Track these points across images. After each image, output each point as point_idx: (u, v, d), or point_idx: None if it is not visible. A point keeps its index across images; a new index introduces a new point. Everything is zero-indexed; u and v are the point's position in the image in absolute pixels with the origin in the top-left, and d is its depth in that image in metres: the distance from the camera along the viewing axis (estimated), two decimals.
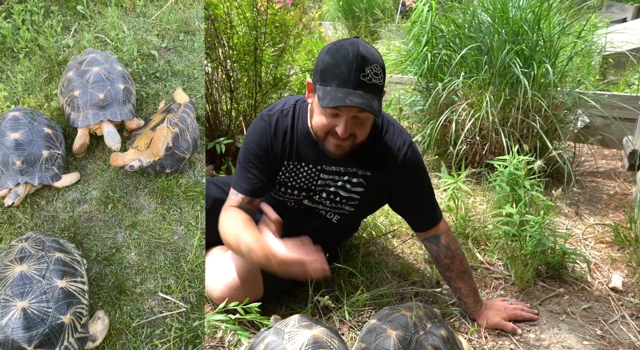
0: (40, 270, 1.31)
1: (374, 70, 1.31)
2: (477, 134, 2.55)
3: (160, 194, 1.75)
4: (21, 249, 1.38)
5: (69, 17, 2.39)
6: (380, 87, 1.36)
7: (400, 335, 1.24)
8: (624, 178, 2.68)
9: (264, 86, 2.67)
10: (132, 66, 2.14)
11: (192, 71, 2.19)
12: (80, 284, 1.37)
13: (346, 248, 1.88)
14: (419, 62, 2.74)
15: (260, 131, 1.53)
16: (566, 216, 2.29)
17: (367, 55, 1.31)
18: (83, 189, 1.77)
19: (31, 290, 1.26)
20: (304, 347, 1.08)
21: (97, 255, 1.61)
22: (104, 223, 1.69)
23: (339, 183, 1.54)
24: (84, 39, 2.23)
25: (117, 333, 1.44)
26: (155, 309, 1.50)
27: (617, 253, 1.99)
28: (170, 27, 2.35)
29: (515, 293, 1.76)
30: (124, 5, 2.46)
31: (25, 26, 2.23)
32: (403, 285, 1.74)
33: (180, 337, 1.43)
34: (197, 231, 1.67)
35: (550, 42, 2.51)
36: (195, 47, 2.30)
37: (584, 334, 1.56)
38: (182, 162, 1.79)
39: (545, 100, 2.44)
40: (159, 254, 1.62)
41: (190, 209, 1.73)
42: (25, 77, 2.09)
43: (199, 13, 2.46)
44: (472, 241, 2.01)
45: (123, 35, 2.26)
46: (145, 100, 2.06)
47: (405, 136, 1.53)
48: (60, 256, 1.38)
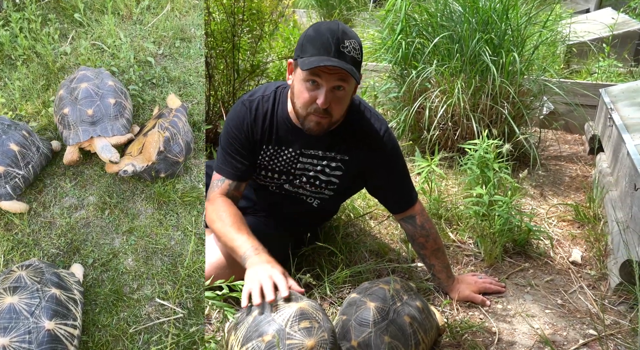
0: (31, 306, 1.22)
1: (352, 45, 1.37)
2: (449, 119, 2.65)
3: (157, 200, 1.76)
4: (18, 277, 1.30)
5: (66, 24, 2.38)
6: (359, 62, 1.40)
7: (379, 307, 1.33)
8: (585, 161, 2.84)
9: (241, 73, 2.69)
10: (128, 73, 2.15)
11: (188, 77, 2.21)
12: (70, 328, 1.28)
13: (326, 229, 1.96)
14: (393, 50, 2.81)
15: (241, 116, 1.56)
16: (531, 197, 2.43)
17: (347, 31, 1.38)
18: (80, 194, 1.77)
19: (16, 326, 1.18)
20: (292, 318, 1.15)
21: (94, 261, 1.60)
22: (101, 229, 1.68)
23: (318, 167, 1.60)
24: (81, 46, 2.22)
25: (114, 339, 1.43)
26: (152, 315, 1.49)
27: (577, 230, 2.13)
28: (166, 34, 2.38)
29: (484, 268, 1.88)
30: (121, 13, 2.47)
31: (23, 34, 2.21)
32: (380, 263, 1.83)
33: (177, 343, 1.43)
34: (194, 236, 1.69)
35: (518, 32, 2.63)
36: (191, 54, 2.32)
37: (546, 303, 1.69)
38: (177, 165, 1.79)
39: (513, 87, 2.56)
40: (156, 259, 1.62)
41: (187, 214, 1.74)
42: (22, 84, 2.08)
43: (195, 20, 2.47)
44: (444, 221, 2.12)
45: (120, 43, 2.27)
46: (142, 107, 2.08)
47: (382, 121, 1.60)
48: (55, 293, 1.29)
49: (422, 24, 2.78)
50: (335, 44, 1.34)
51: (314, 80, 1.38)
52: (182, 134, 1.82)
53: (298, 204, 1.70)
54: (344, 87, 1.40)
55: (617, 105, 2.54)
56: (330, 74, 1.36)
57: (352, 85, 1.43)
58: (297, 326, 1.14)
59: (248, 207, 1.74)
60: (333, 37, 1.35)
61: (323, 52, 1.35)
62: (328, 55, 1.34)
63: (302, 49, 1.38)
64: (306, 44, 1.38)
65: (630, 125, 2.26)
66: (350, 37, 1.37)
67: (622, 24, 3.99)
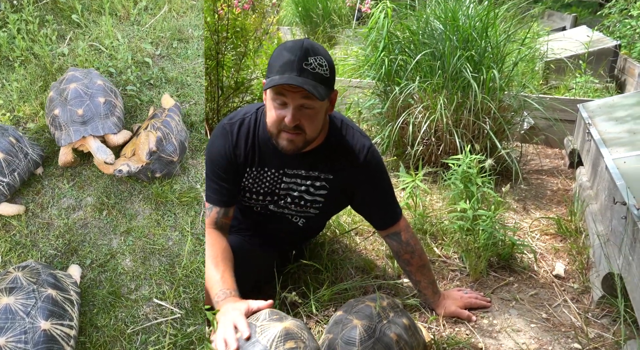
0: (27, 306, 1.24)
1: (317, 61, 1.35)
2: (433, 135, 2.68)
3: (155, 200, 1.75)
4: (14, 278, 1.30)
5: (63, 25, 2.38)
6: (326, 78, 1.37)
7: (365, 325, 1.31)
8: (565, 175, 2.90)
9: (225, 90, 2.70)
10: (126, 74, 2.15)
11: (186, 78, 2.21)
12: (67, 328, 1.28)
13: (311, 246, 1.95)
14: (376, 67, 2.85)
15: (222, 140, 1.54)
16: (514, 211, 2.45)
17: (311, 48, 1.36)
18: (78, 195, 1.75)
19: (12, 326, 1.19)
20: (277, 338, 1.13)
21: (91, 262, 1.59)
22: (98, 229, 1.67)
23: (302, 187, 1.59)
24: (78, 47, 2.22)
25: (111, 340, 1.42)
26: (150, 315, 1.49)
27: (559, 243, 2.16)
28: (164, 34, 2.38)
29: (470, 283, 1.88)
30: (118, 13, 2.47)
31: (21, 35, 2.21)
32: (366, 279, 1.82)
33: (174, 343, 1.43)
34: (191, 237, 1.68)
35: (497, 49, 2.69)
36: (188, 54, 2.32)
37: (531, 317, 1.70)
38: (172, 165, 1.78)
39: (494, 103, 2.61)
40: (154, 260, 1.62)
41: (185, 214, 1.73)
42: (20, 86, 2.07)
43: (193, 21, 2.48)
44: (429, 236, 2.12)
45: (117, 43, 2.27)
46: (140, 107, 2.07)
47: (365, 138, 1.60)
48: (52, 293, 1.30)
49: (405, 42, 2.83)
50: (299, 62, 1.33)
51: (280, 100, 1.37)
52: (175, 133, 1.81)
53: (283, 223, 1.68)
54: (312, 105, 1.38)
55: (594, 120, 2.60)
56: (295, 92, 1.34)
57: (322, 102, 1.40)
58: (282, 347, 1.12)
59: (233, 226, 1.72)
60: (296, 55, 1.33)
61: (286, 70, 1.33)
62: (290, 73, 1.33)
63: (269, 69, 1.38)
64: (272, 63, 1.37)
65: (607, 140, 2.32)
66: (315, 53, 1.35)
67: (597, 42, 4.12)
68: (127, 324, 1.47)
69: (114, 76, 2.14)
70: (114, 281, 1.56)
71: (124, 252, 1.62)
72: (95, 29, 2.35)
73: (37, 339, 1.20)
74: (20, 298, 1.25)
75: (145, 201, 1.75)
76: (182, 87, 2.17)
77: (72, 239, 1.64)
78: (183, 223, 1.70)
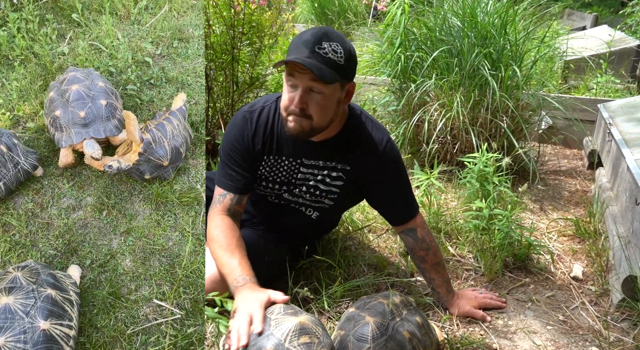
0: (26, 306, 1.23)
1: (332, 47, 1.34)
2: (448, 133, 2.65)
3: (155, 200, 1.75)
4: (14, 278, 1.30)
5: (64, 25, 2.38)
6: (339, 65, 1.35)
7: (378, 322, 1.30)
8: (584, 176, 2.84)
9: (240, 85, 2.69)
10: (126, 73, 2.15)
11: (186, 78, 2.20)
12: (66, 328, 1.28)
13: (324, 242, 1.93)
14: (392, 64, 2.82)
15: (241, 127, 1.55)
16: (531, 211, 2.41)
17: (330, 34, 1.35)
18: (78, 195, 1.75)
19: (11, 326, 1.19)
20: (291, 332, 1.12)
21: (91, 262, 1.59)
22: (98, 229, 1.67)
23: (318, 177, 1.58)
24: (78, 46, 2.22)
25: (111, 341, 1.42)
26: (150, 316, 1.48)
27: (577, 245, 2.11)
28: (164, 34, 2.37)
29: (484, 283, 1.85)
30: (119, 13, 2.47)
31: (21, 34, 2.22)
32: (379, 276, 1.80)
33: (174, 344, 1.42)
34: (192, 237, 1.67)
35: (516, 46, 2.64)
36: (189, 54, 2.32)
37: (548, 319, 1.66)
38: (162, 169, 1.77)
39: (512, 101, 2.56)
40: (154, 260, 1.61)
41: (185, 214, 1.73)
42: (20, 85, 2.07)
43: (194, 20, 2.48)
44: (444, 235, 2.09)
45: (118, 43, 2.27)
46: (140, 107, 2.07)
47: (384, 131, 1.58)
48: (51, 293, 1.30)
49: (421, 38, 2.80)
50: (312, 45, 1.33)
51: (291, 81, 1.37)
52: (168, 138, 1.79)
53: (297, 216, 1.67)
54: (321, 90, 1.36)
55: (615, 121, 2.54)
56: (303, 73, 1.34)
57: (333, 88, 1.38)
58: (296, 341, 1.11)
59: (246, 220, 1.72)
60: (311, 39, 1.34)
61: (298, 52, 1.34)
62: (301, 54, 1.33)
63: (288, 52, 1.39)
64: (290, 48, 1.38)
65: (629, 140, 2.26)
66: (330, 39, 1.34)
67: (618, 41, 4.03)
68: (127, 325, 1.46)
69: (114, 75, 2.14)
70: (113, 281, 1.55)
71: (124, 253, 1.62)
72: (96, 28, 2.35)
73: (37, 339, 1.20)
74: (20, 298, 1.25)
75: (145, 201, 1.75)
76: (182, 86, 2.16)
77: (71, 239, 1.63)
78: (183, 223, 1.70)
